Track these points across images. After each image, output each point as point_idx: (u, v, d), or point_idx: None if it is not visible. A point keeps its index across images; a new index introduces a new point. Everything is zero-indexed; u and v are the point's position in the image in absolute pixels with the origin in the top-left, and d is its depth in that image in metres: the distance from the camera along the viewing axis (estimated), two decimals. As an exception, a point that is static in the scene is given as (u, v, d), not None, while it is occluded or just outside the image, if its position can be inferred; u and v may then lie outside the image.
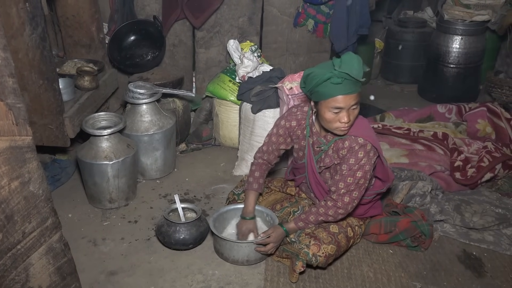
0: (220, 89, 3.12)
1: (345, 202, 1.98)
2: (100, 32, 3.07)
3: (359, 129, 1.96)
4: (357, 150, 1.93)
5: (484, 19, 3.93)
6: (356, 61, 1.77)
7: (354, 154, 1.94)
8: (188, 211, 2.36)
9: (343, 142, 1.97)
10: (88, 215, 2.55)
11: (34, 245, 1.40)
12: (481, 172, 2.69)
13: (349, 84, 1.79)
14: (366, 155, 1.93)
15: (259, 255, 2.14)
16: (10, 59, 1.18)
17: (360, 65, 1.77)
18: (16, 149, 1.25)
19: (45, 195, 1.39)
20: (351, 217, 2.16)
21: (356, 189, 1.97)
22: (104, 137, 2.46)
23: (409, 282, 2.10)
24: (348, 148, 1.95)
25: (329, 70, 1.78)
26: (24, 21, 2.06)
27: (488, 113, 3.24)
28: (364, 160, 1.93)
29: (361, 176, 1.95)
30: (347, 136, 1.96)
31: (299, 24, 3.45)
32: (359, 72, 1.76)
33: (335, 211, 2.00)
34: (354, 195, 1.98)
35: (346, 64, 1.76)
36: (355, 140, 1.94)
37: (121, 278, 2.10)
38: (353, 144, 1.94)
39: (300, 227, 2.07)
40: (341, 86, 1.78)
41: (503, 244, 2.34)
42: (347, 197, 1.97)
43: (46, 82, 2.28)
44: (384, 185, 2.14)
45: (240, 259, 2.13)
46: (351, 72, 1.74)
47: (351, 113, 1.87)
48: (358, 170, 1.94)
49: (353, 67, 1.75)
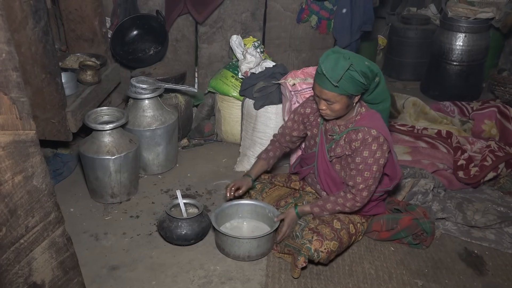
0: (222, 85, 3.11)
1: (363, 196, 2.01)
2: (103, 26, 3.06)
3: (373, 121, 1.98)
4: (371, 143, 1.94)
5: (488, 17, 3.91)
6: (334, 64, 1.79)
7: (367, 147, 1.95)
8: (190, 207, 2.36)
9: (357, 133, 1.98)
10: (90, 210, 2.55)
11: (37, 239, 1.40)
12: (484, 171, 2.69)
13: (323, 78, 1.83)
14: (379, 148, 1.94)
15: (261, 250, 2.14)
16: (14, 53, 1.18)
17: (339, 69, 1.78)
18: (20, 143, 1.25)
19: (48, 190, 1.39)
20: (354, 214, 2.16)
21: (374, 184, 2.00)
22: (106, 132, 2.45)
23: (410, 280, 2.10)
24: (362, 140, 1.96)
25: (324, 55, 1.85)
26: (27, 14, 2.05)
27: (499, 114, 3.21)
28: (379, 153, 1.95)
29: (376, 170, 1.97)
30: (361, 127, 1.97)
31: (302, 20, 3.43)
32: (333, 73, 1.79)
33: (353, 204, 2.02)
34: (372, 189, 2.01)
35: (327, 62, 1.80)
36: (369, 131, 1.94)
37: (123, 272, 2.11)
38: (366, 136, 1.94)
39: (315, 213, 2.09)
40: (319, 75, 1.85)
41: (504, 242, 2.34)
42: (366, 192, 2.00)
43: (48, 76, 2.28)
44: (391, 183, 2.13)
45: (241, 254, 2.13)
46: (325, 69, 1.79)
47: (328, 106, 1.92)
48: (374, 164, 1.95)
49: (329, 67, 1.79)
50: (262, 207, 2.29)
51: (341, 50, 1.86)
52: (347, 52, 1.85)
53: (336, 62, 1.79)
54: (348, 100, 1.90)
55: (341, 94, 1.85)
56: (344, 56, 1.81)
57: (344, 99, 1.88)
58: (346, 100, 1.89)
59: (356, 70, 1.80)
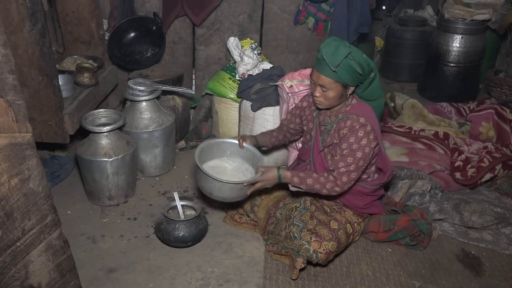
0: (220, 87, 3.12)
1: (343, 181, 1.99)
2: (100, 29, 3.06)
3: (363, 111, 2.01)
4: (358, 129, 1.96)
5: (484, 18, 3.93)
6: (334, 49, 1.85)
7: (354, 133, 1.96)
8: (187, 209, 2.36)
9: (345, 121, 2.01)
10: (87, 212, 2.54)
11: (33, 242, 1.40)
12: (481, 172, 2.69)
13: (322, 63, 1.89)
14: (366, 136, 1.95)
15: (234, 194, 2.05)
16: (10, 55, 1.18)
17: (338, 55, 1.85)
18: (16, 146, 1.25)
19: (45, 192, 1.38)
20: (352, 214, 2.17)
21: (355, 171, 1.99)
22: (103, 134, 2.45)
23: (408, 281, 2.10)
24: (350, 127, 1.98)
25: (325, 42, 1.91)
26: (24, 17, 2.05)
27: (496, 116, 3.22)
28: (364, 140, 1.95)
29: (360, 157, 1.96)
30: (350, 115, 1.99)
31: (299, 22, 3.44)
32: (332, 59, 1.85)
33: (332, 187, 2.00)
34: (352, 176, 1.99)
35: (328, 47, 1.87)
36: (357, 119, 1.97)
37: (120, 275, 2.10)
38: (354, 123, 1.97)
39: (294, 182, 2.02)
40: (318, 61, 1.91)
41: (501, 243, 2.34)
42: (345, 177, 1.98)
43: (45, 79, 2.27)
44: (384, 176, 2.13)
45: (214, 193, 2.05)
46: (325, 54, 1.85)
47: (322, 94, 1.96)
48: (358, 151, 1.96)
49: (329, 52, 1.86)
50: (252, 152, 2.25)
51: (341, 40, 1.92)
52: (347, 43, 1.91)
53: (337, 48, 1.86)
54: (342, 90, 1.94)
55: (336, 82, 1.90)
56: (344, 44, 1.88)
57: (339, 87, 1.92)
58: (340, 89, 1.93)
59: (354, 59, 1.86)
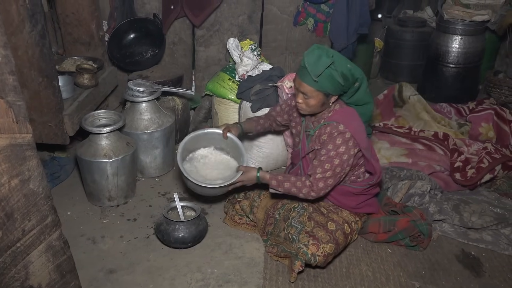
0: (219, 88, 3.12)
1: (319, 187, 1.99)
2: (100, 30, 3.06)
3: (345, 117, 1.98)
4: (336, 136, 1.95)
5: (483, 19, 3.93)
6: (317, 58, 1.83)
7: (332, 140, 1.96)
8: (187, 210, 2.36)
9: (326, 127, 2.00)
10: (87, 213, 2.54)
11: (33, 243, 1.40)
12: (481, 173, 2.70)
13: (304, 71, 1.88)
14: (344, 143, 1.94)
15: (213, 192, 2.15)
16: (11, 56, 1.18)
17: (320, 65, 1.82)
18: (16, 146, 1.25)
19: (45, 193, 1.38)
20: (348, 214, 2.17)
21: (332, 177, 1.98)
22: (103, 135, 2.45)
23: (407, 281, 2.10)
24: (329, 133, 1.98)
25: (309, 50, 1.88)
26: (24, 18, 2.05)
27: (495, 116, 3.22)
28: (342, 148, 1.94)
29: (338, 164, 1.95)
30: (330, 122, 1.98)
31: (299, 23, 3.44)
32: (314, 68, 1.83)
33: (307, 192, 2.01)
34: (329, 182, 1.99)
35: (310, 55, 1.85)
36: (336, 126, 1.96)
37: (120, 276, 2.10)
38: (333, 130, 1.96)
39: (272, 185, 2.06)
40: (301, 68, 1.90)
41: (501, 244, 2.35)
42: (322, 183, 1.98)
43: (45, 80, 2.28)
44: (373, 177, 2.12)
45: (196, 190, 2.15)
46: (307, 62, 1.84)
47: (304, 100, 1.95)
48: (336, 158, 1.95)
49: (311, 60, 1.84)
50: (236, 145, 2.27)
51: (326, 48, 1.89)
52: (332, 51, 1.88)
53: (319, 57, 1.83)
54: (324, 98, 1.93)
55: (318, 90, 1.89)
56: (327, 53, 1.85)
57: (320, 95, 1.91)
58: (322, 97, 1.92)
59: (336, 69, 1.85)
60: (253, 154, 2.85)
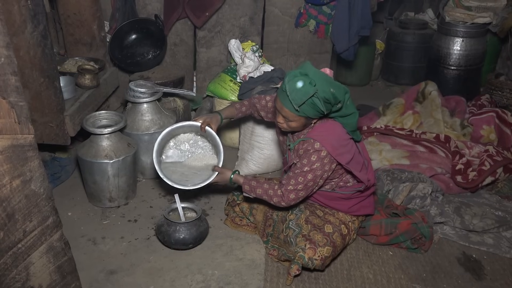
0: (221, 89, 3.12)
1: (290, 198, 2.00)
2: (101, 31, 3.06)
3: (322, 133, 1.95)
4: (311, 153, 1.93)
5: (485, 22, 3.93)
6: (299, 88, 1.78)
7: (308, 156, 1.94)
8: (188, 211, 2.36)
9: (303, 143, 1.98)
10: (88, 214, 2.54)
11: (34, 243, 1.40)
12: (482, 176, 2.69)
13: (285, 97, 1.83)
14: (319, 160, 1.93)
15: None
16: (13, 57, 1.18)
17: (302, 95, 1.78)
18: (18, 147, 1.25)
19: (46, 194, 1.38)
20: (344, 214, 2.16)
21: (304, 190, 1.98)
22: (104, 136, 2.45)
23: (408, 284, 2.10)
24: (305, 149, 1.96)
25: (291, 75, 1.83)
26: (25, 18, 2.05)
27: (497, 119, 3.21)
28: (317, 164, 1.93)
29: (310, 179, 1.95)
30: (308, 138, 1.96)
31: (300, 25, 3.44)
32: (296, 96, 1.79)
33: (278, 201, 2.02)
34: (300, 195, 2.00)
35: (292, 83, 1.79)
36: (313, 143, 1.93)
37: (120, 277, 2.10)
38: (309, 147, 1.94)
39: (245, 189, 2.11)
40: (282, 92, 1.85)
41: (502, 246, 2.34)
42: (293, 195, 1.99)
43: (47, 80, 2.28)
44: (361, 185, 2.10)
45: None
46: (289, 90, 1.80)
47: (285, 122, 1.94)
48: (309, 173, 1.94)
49: (293, 89, 1.79)
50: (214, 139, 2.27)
51: (309, 73, 1.81)
52: (315, 77, 1.81)
53: (302, 86, 1.78)
54: (305, 121, 1.92)
55: (299, 116, 1.87)
56: (311, 82, 1.78)
57: (302, 119, 1.90)
58: (304, 120, 1.91)
59: (319, 97, 1.80)
60: (254, 156, 2.85)
